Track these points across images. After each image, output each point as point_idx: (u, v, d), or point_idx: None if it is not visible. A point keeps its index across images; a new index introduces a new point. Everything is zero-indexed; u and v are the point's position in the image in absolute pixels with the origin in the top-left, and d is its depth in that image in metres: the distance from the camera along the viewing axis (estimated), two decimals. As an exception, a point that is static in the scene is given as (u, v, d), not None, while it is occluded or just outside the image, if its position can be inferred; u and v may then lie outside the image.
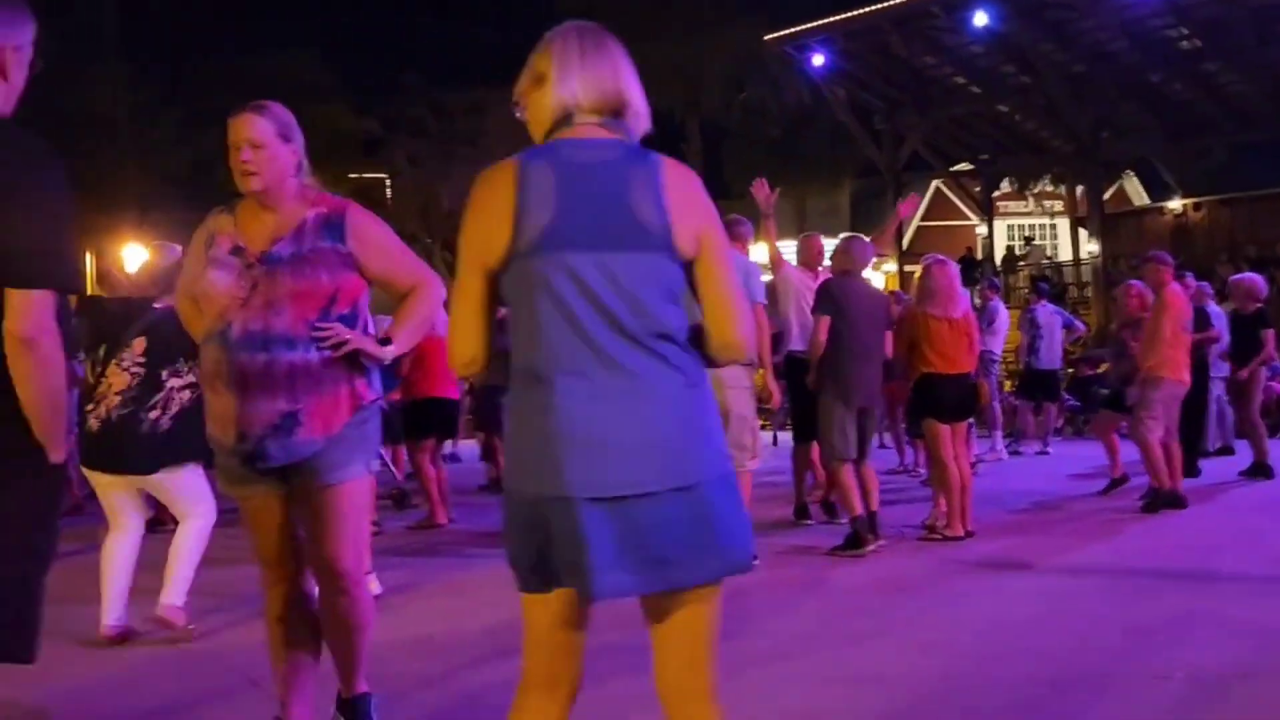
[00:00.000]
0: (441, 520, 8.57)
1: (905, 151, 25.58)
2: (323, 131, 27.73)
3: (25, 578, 2.48)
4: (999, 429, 13.16)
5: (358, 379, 3.28)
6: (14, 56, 2.54)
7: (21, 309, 2.32)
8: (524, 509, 2.19)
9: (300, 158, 3.32)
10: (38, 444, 2.42)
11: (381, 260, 3.33)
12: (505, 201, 2.16)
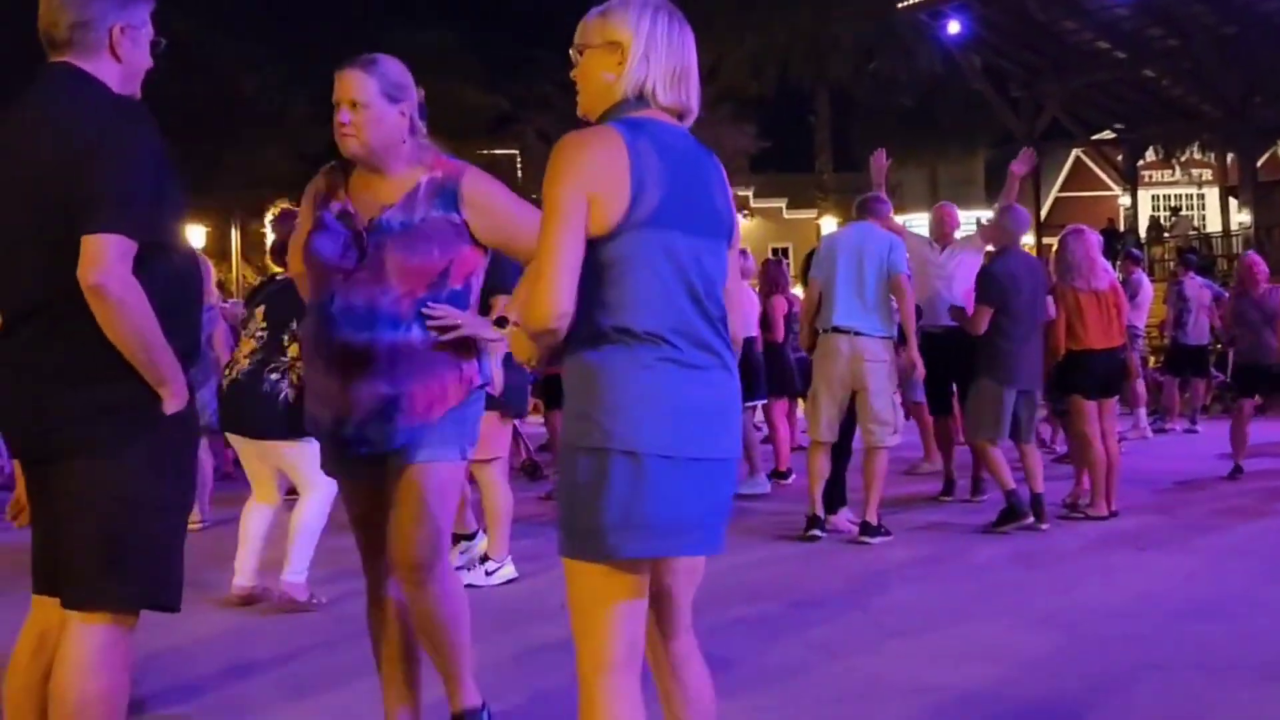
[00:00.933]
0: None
1: (1043, 119, 24.80)
2: (453, 108, 28.18)
3: (162, 530, 2.57)
4: (1143, 406, 12.71)
5: (467, 363, 3.00)
6: (125, 35, 2.60)
7: (88, 255, 2.39)
8: (614, 465, 2.18)
9: (412, 118, 3.02)
10: (152, 397, 2.50)
11: (501, 230, 3.01)
12: (623, 170, 2.21)
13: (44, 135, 2.50)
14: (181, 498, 2.65)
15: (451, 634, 3.08)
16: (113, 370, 2.45)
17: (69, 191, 2.41)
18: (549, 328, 2.21)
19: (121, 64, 2.61)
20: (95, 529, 2.48)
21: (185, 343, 2.62)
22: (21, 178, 2.50)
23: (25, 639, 2.67)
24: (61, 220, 2.42)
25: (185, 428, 2.61)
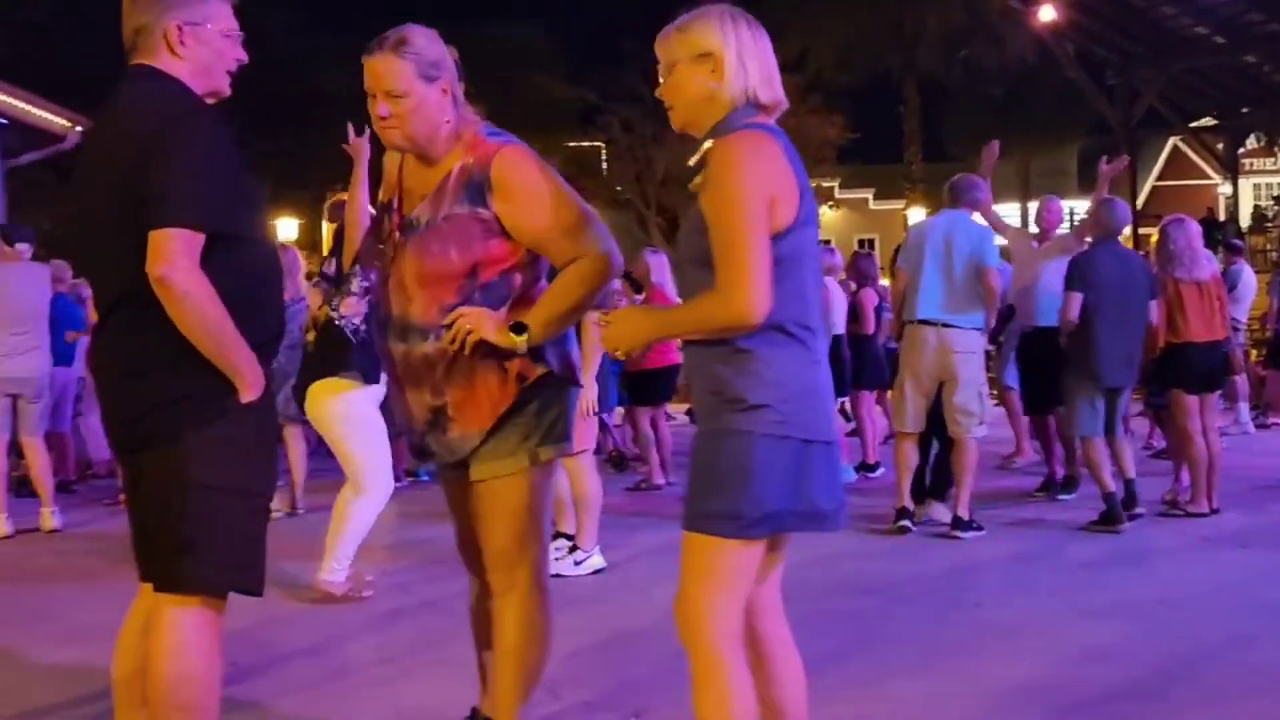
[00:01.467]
0: (660, 482, 8.64)
1: (1140, 107, 24.15)
2: (539, 101, 28.35)
3: (239, 516, 2.60)
4: (1244, 400, 12.35)
5: (513, 359, 2.74)
6: (186, 33, 2.63)
7: (153, 249, 2.43)
8: (790, 450, 2.35)
9: (453, 92, 2.77)
10: (226, 386, 2.54)
11: (532, 226, 2.73)
12: (789, 172, 2.37)
13: (114, 135, 2.58)
14: (258, 484, 2.67)
15: (521, 655, 2.86)
16: (187, 360, 2.50)
17: (138, 188, 2.46)
18: (752, 324, 2.29)
19: (187, 61, 2.64)
20: (172, 515, 2.54)
21: (263, 334, 2.65)
22: (101, 177, 2.58)
23: (131, 622, 2.74)
24: (132, 217, 2.47)
25: (261, 416, 2.63)
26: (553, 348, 2.80)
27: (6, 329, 7.13)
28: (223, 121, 2.59)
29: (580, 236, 2.74)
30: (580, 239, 2.74)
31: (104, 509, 8.16)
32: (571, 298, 2.75)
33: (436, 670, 4.03)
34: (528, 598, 2.84)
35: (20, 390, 7.25)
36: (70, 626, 4.77)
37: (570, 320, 2.82)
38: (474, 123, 2.81)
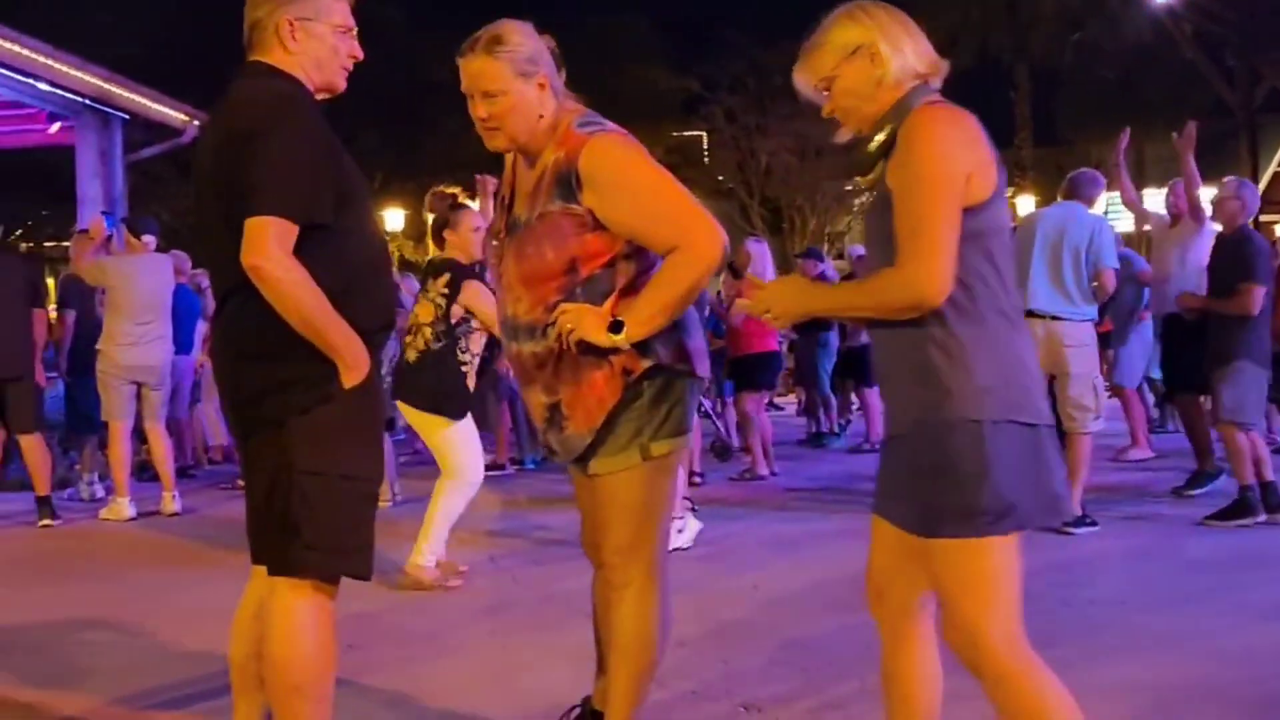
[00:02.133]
0: (763, 472, 8.62)
1: (1262, 90, 23.37)
2: (643, 91, 28.38)
3: (345, 500, 2.64)
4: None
5: (618, 355, 2.67)
6: (295, 28, 2.67)
7: (248, 238, 2.49)
8: (1023, 438, 2.26)
9: (551, 84, 2.73)
10: (331, 372, 2.58)
11: (623, 217, 2.66)
12: (985, 143, 2.31)
13: (221, 130, 2.65)
14: (363, 469, 2.70)
15: (635, 658, 2.82)
16: (292, 347, 2.54)
17: (238, 181, 2.52)
18: (932, 304, 2.23)
19: (299, 56, 2.68)
20: (279, 499, 2.59)
21: (371, 322, 2.68)
22: (211, 171, 2.65)
23: (246, 605, 2.81)
24: (234, 208, 2.53)
25: (367, 400, 2.66)
26: (662, 338, 2.70)
27: (132, 319, 7.38)
28: (321, 115, 2.63)
29: (678, 225, 2.63)
30: (678, 227, 2.63)
31: (221, 493, 8.41)
32: (671, 289, 2.64)
33: (547, 657, 4.07)
34: (643, 594, 2.79)
35: (145, 379, 7.50)
36: (191, 608, 4.92)
37: (673, 312, 2.67)
38: (572, 113, 2.74)
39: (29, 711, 3.64)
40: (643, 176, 2.67)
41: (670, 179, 2.72)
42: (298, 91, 2.66)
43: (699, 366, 2.81)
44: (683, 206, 2.66)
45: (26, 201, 23.60)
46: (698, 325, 2.89)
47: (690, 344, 2.79)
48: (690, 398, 2.80)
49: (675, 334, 2.74)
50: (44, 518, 7.14)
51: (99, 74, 11.62)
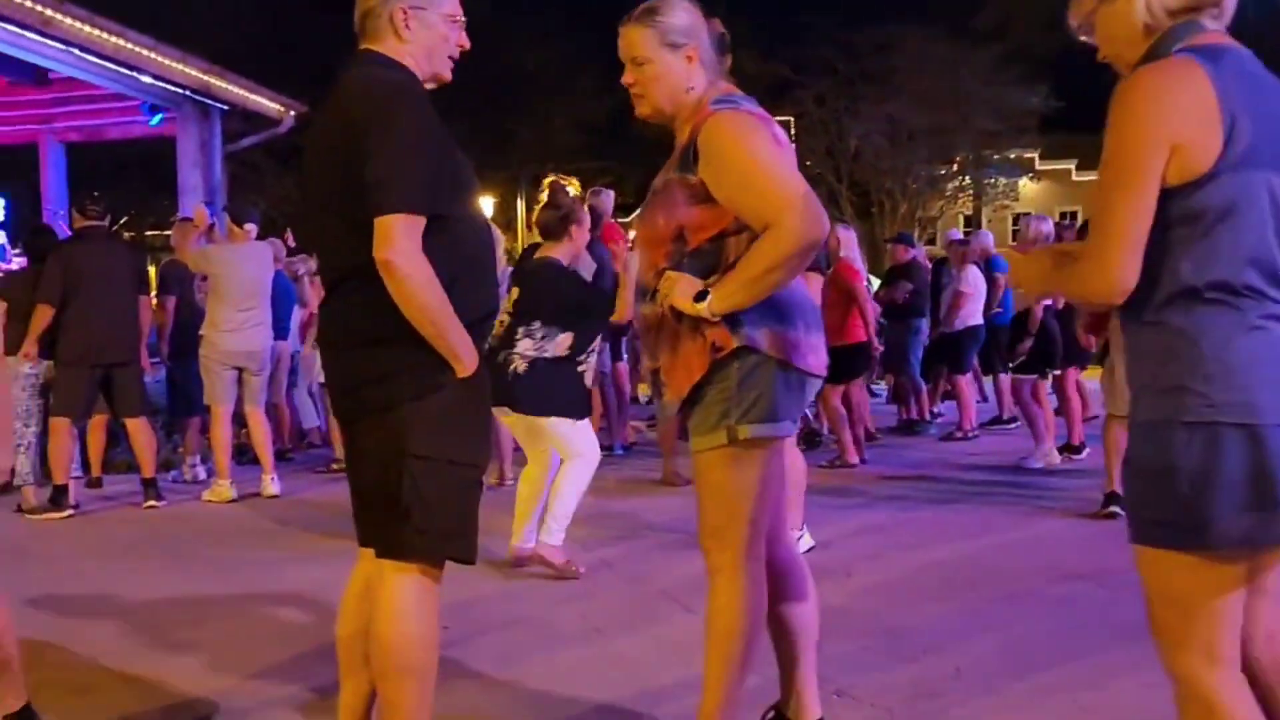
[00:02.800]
0: (853, 460, 8.56)
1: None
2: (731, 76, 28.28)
3: (451, 487, 2.67)
4: None
5: (712, 327, 2.70)
6: (410, 17, 2.71)
7: (379, 234, 2.52)
8: (1225, 440, 1.98)
9: (701, 59, 2.80)
10: (439, 360, 2.61)
11: (725, 193, 2.68)
12: (1211, 106, 1.99)
13: (334, 119, 2.67)
14: (471, 456, 2.73)
15: (719, 640, 2.78)
16: (405, 335, 2.58)
17: (354, 172, 2.55)
18: (1108, 300, 2.08)
19: (409, 44, 2.73)
20: (389, 484, 2.63)
21: (477, 311, 2.72)
22: (323, 160, 2.69)
23: (352, 586, 2.87)
24: (351, 197, 2.57)
25: (474, 390, 2.69)
26: (759, 323, 2.69)
27: (235, 305, 7.55)
28: (430, 107, 2.66)
29: (772, 203, 2.59)
30: (772, 206, 2.59)
31: (317, 476, 8.59)
32: (754, 266, 2.62)
33: (639, 643, 4.10)
34: (731, 581, 2.76)
35: (245, 364, 7.67)
36: (290, 587, 5.03)
37: (756, 289, 2.63)
38: (717, 91, 2.79)
39: (136, 685, 3.75)
40: (746, 152, 2.66)
41: (774, 158, 2.68)
42: (412, 82, 2.71)
43: (797, 358, 2.75)
44: (778, 185, 2.62)
45: (129, 191, 24.25)
46: (807, 317, 2.81)
47: (789, 334, 2.74)
48: (786, 388, 2.75)
49: (771, 321, 2.72)
50: (149, 499, 7.34)
51: (199, 66, 11.90)
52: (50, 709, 3.47)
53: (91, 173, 19.65)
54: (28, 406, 7.24)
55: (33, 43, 10.00)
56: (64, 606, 4.81)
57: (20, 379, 7.18)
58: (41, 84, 12.10)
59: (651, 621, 4.39)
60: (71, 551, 6.05)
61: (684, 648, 3.98)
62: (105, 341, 7.20)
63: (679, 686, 3.57)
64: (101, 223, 7.48)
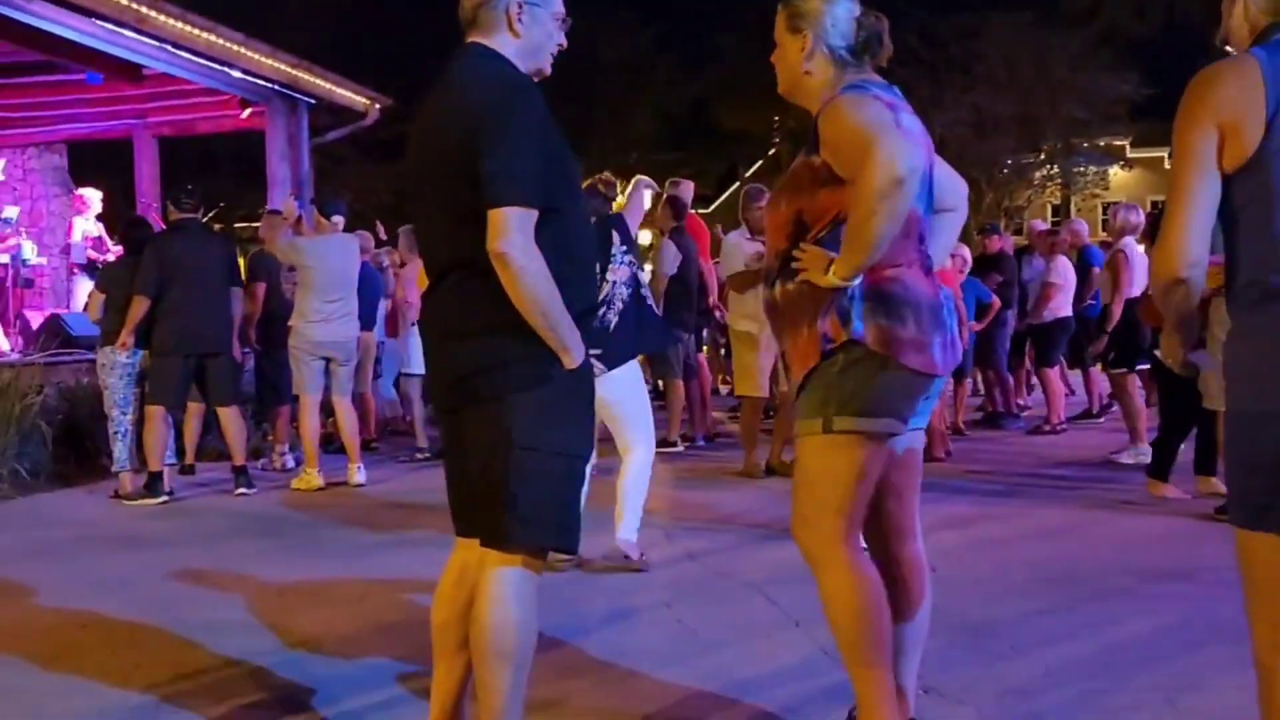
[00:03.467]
0: (939, 454, 8.44)
1: None
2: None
3: (557, 476, 2.69)
4: None
5: (825, 315, 2.74)
6: (523, 12, 2.74)
7: (492, 227, 2.54)
8: (1265, 427, 2.09)
9: (816, 47, 2.84)
10: (546, 350, 2.63)
11: (841, 163, 2.69)
12: (1258, 94, 2.09)
13: (445, 111, 2.69)
14: (576, 446, 2.76)
15: (837, 637, 2.81)
16: (514, 326, 2.60)
17: (466, 165, 2.57)
18: (1177, 277, 2.14)
19: (520, 40, 2.76)
20: (496, 474, 2.65)
21: (582, 303, 2.74)
22: (435, 151, 2.70)
23: (448, 573, 2.90)
24: (461, 189, 2.59)
25: (579, 380, 2.72)
26: (869, 317, 2.71)
27: (322, 296, 7.68)
28: (543, 101, 2.67)
29: (861, 154, 2.58)
30: (860, 157, 2.59)
31: (402, 466, 8.71)
32: (854, 218, 2.62)
33: (722, 633, 4.09)
34: (830, 570, 2.77)
35: (333, 354, 7.80)
36: (379, 574, 5.12)
37: (867, 242, 2.61)
38: (853, 78, 2.81)
39: (231, 668, 3.84)
40: (853, 122, 2.67)
41: (868, 120, 2.65)
42: (524, 77, 2.73)
43: (902, 355, 2.72)
44: (865, 134, 2.60)
45: (218, 183, 24.79)
46: (921, 315, 2.76)
47: (897, 331, 2.72)
48: (889, 385, 2.73)
49: (880, 316, 2.72)
50: (240, 486, 7.50)
51: (288, 60, 12.11)
52: (151, 689, 3.57)
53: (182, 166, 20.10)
54: (125, 395, 7.43)
55: (129, 40, 10.25)
56: (160, 590, 4.94)
57: (117, 368, 7.38)
58: (136, 80, 12.40)
59: (733, 611, 4.38)
60: (167, 537, 6.20)
61: (769, 639, 3.98)
62: (199, 332, 7.37)
63: (766, 678, 3.57)
64: (195, 216, 7.65)
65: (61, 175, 14.72)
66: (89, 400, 8.52)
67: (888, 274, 2.73)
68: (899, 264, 2.75)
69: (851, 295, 2.72)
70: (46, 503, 7.39)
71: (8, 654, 4.01)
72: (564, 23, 2.85)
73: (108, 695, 3.57)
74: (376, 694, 3.53)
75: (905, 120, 2.76)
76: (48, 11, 9.33)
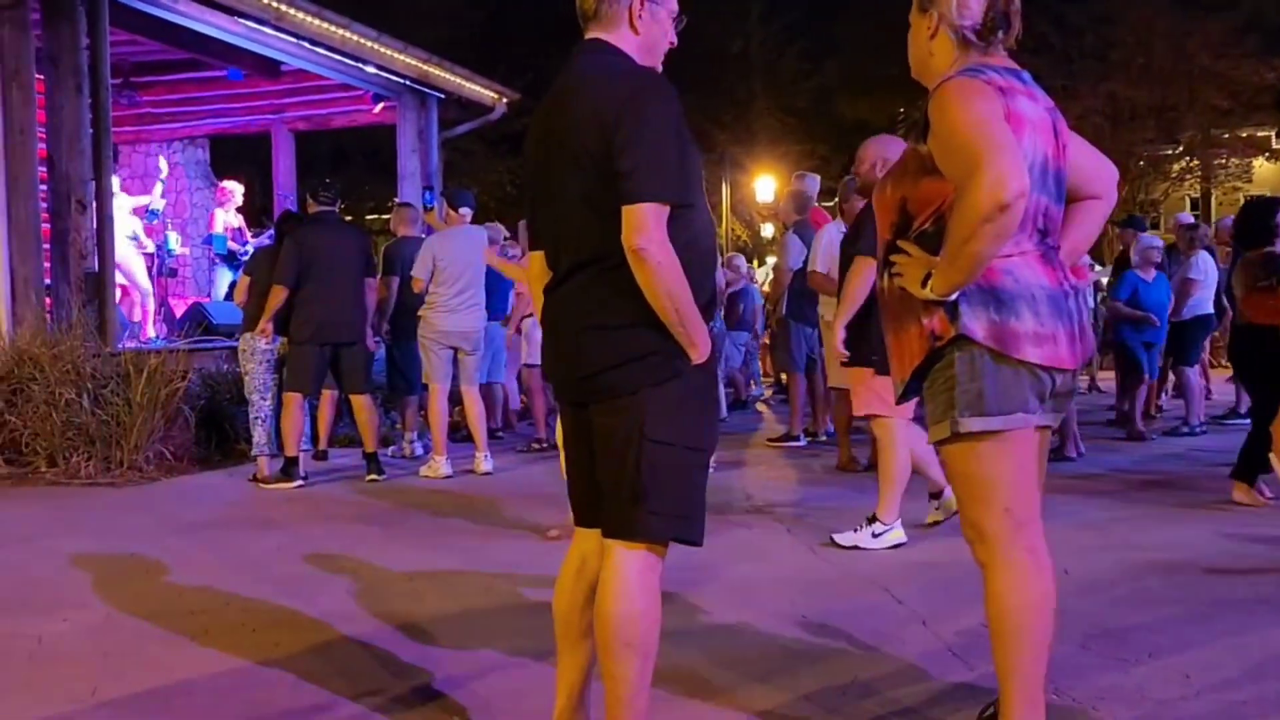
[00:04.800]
0: (1071, 454, 8.26)
1: None
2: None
3: (685, 469, 2.71)
4: None
5: (932, 314, 2.70)
6: (644, 9, 2.75)
7: (629, 222, 2.55)
8: None
9: (939, 29, 2.80)
10: (675, 345, 2.64)
11: (942, 159, 2.64)
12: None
13: (578, 106, 2.70)
14: (704, 442, 2.77)
15: (994, 638, 2.76)
16: (646, 322, 2.62)
17: (603, 161, 2.60)
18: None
19: (640, 36, 2.78)
20: (627, 467, 2.67)
21: (705, 296, 2.74)
22: (565, 146, 2.72)
23: (569, 563, 2.94)
24: (595, 185, 2.62)
25: (707, 374, 2.74)
26: (979, 312, 2.66)
27: (452, 287, 7.83)
28: (677, 98, 2.68)
29: (966, 165, 2.52)
30: (966, 169, 2.52)
31: (523, 455, 8.84)
32: (953, 239, 2.56)
33: (843, 632, 4.06)
34: (997, 573, 2.74)
35: (461, 344, 7.95)
36: (504, 561, 5.20)
37: (965, 264, 2.57)
38: (973, 61, 2.75)
39: (361, 647, 3.94)
40: (957, 116, 2.60)
41: (983, 121, 2.57)
42: (657, 72, 2.76)
43: (1015, 349, 2.66)
44: (974, 146, 2.52)
45: (349, 175, 25.40)
46: (1038, 306, 2.68)
47: (1010, 324, 2.66)
48: (1007, 380, 2.68)
49: (991, 309, 2.67)
50: (371, 473, 7.69)
51: (419, 56, 12.36)
52: (289, 668, 3.70)
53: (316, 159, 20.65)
54: (264, 381, 7.67)
55: (268, 37, 10.58)
56: (294, 572, 5.11)
57: (258, 354, 7.63)
58: (274, 76, 12.79)
59: (851, 608, 4.34)
60: (301, 520, 6.40)
61: (896, 637, 3.93)
62: (334, 321, 7.58)
63: (891, 677, 3.54)
64: (332, 208, 7.87)
65: (204, 168, 15.27)
66: (228, 386, 8.84)
67: (997, 266, 2.66)
68: (1010, 255, 2.67)
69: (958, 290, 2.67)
70: (189, 484, 7.69)
71: (161, 628, 4.19)
72: (678, 20, 2.86)
73: (250, 672, 3.71)
74: (502, 682, 3.59)
75: (1021, 106, 2.68)
76: (194, 10, 9.69)
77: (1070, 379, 2.81)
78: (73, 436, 7.71)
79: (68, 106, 8.67)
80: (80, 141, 8.69)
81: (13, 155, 8.54)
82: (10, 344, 8.19)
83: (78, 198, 8.68)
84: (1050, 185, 2.75)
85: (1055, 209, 2.79)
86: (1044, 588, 2.74)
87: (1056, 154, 2.77)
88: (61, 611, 4.44)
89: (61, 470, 7.66)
